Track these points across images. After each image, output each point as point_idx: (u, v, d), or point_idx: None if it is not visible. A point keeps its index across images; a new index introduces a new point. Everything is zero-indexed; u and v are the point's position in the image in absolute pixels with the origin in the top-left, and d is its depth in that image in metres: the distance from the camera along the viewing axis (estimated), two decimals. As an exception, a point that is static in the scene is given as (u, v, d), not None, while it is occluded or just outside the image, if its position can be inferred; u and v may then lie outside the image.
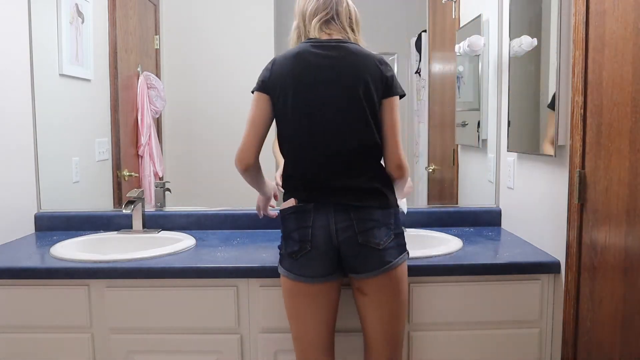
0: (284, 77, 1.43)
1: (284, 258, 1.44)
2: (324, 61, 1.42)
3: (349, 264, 1.41)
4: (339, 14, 1.49)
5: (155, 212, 2.13)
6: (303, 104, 1.42)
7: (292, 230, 1.41)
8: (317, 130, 1.42)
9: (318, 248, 1.39)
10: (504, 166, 2.08)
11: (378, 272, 1.39)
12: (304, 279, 1.41)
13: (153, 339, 1.63)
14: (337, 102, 1.41)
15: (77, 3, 2.19)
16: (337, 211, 1.39)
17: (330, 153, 1.41)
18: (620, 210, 1.27)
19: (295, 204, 1.43)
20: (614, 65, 1.30)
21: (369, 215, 1.39)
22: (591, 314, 1.43)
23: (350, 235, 1.38)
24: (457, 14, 2.30)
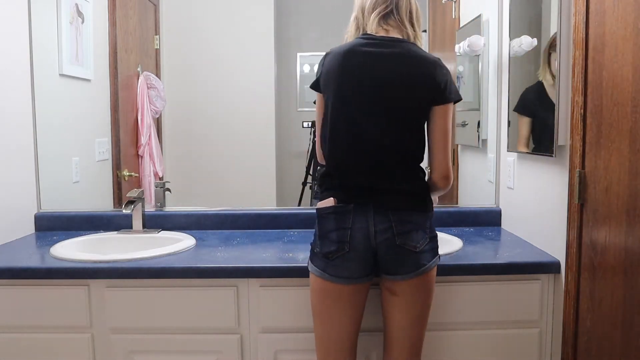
0: (331, 75, 1.41)
1: (318, 257, 1.42)
2: (375, 61, 1.39)
3: (385, 265, 1.39)
4: (399, 8, 1.44)
5: (155, 212, 2.13)
6: (346, 104, 1.40)
7: (330, 230, 1.39)
8: (361, 132, 1.40)
9: (356, 250, 1.37)
10: (504, 166, 2.08)
11: (413, 274, 1.39)
12: (337, 279, 1.39)
13: (153, 339, 1.63)
14: (385, 105, 1.39)
15: (77, 3, 2.19)
16: (377, 213, 1.37)
17: (373, 156, 1.40)
18: (620, 210, 1.27)
19: (334, 203, 1.40)
20: (614, 65, 1.30)
21: (407, 217, 1.38)
22: (591, 314, 1.43)
23: (388, 237, 1.37)
24: (457, 14, 2.30)
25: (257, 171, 2.43)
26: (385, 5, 1.44)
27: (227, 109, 2.41)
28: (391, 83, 1.38)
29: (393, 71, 1.38)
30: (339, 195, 1.41)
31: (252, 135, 2.42)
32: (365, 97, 1.39)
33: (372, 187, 1.39)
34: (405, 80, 1.38)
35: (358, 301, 1.44)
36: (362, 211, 1.38)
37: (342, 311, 1.43)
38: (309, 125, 2.40)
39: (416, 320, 1.45)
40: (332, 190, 1.43)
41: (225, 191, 2.38)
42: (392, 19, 1.44)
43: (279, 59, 2.42)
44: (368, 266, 1.39)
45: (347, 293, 1.41)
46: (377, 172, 1.40)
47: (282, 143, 2.43)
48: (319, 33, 2.47)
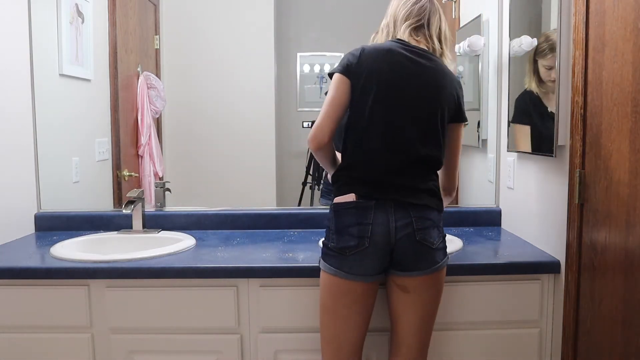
0: (372, 67, 1.41)
1: (332, 254, 1.41)
2: (414, 66, 1.43)
3: (402, 261, 1.40)
4: (430, 24, 1.50)
5: (155, 212, 2.13)
6: (385, 99, 1.41)
7: (350, 225, 1.38)
8: (391, 129, 1.41)
9: (375, 245, 1.37)
10: (504, 166, 2.08)
11: (429, 271, 1.40)
12: (353, 277, 1.39)
13: (153, 339, 1.63)
14: (418, 110, 1.42)
15: (77, 3, 2.19)
16: (397, 208, 1.39)
17: (398, 154, 1.41)
18: (620, 210, 1.27)
19: (355, 198, 1.40)
20: (614, 65, 1.30)
21: (426, 214, 1.41)
22: (591, 314, 1.43)
23: (408, 233, 1.38)
24: (457, 14, 2.30)
25: (257, 171, 2.43)
26: (417, 18, 1.49)
27: (227, 109, 2.41)
28: (427, 92, 1.43)
29: (429, 81, 1.44)
30: (360, 191, 1.41)
31: (252, 135, 2.42)
32: (408, 99, 1.42)
33: (392, 183, 1.41)
34: (438, 93, 1.45)
35: (371, 299, 1.45)
36: (383, 207, 1.38)
37: (356, 310, 1.43)
38: (308, 125, 2.39)
39: (426, 319, 1.46)
40: (350, 186, 1.42)
41: (225, 191, 2.39)
42: (422, 32, 1.50)
43: (279, 59, 2.42)
44: (384, 263, 1.40)
45: (360, 291, 1.41)
46: (399, 170, 1.42)
47: (282, 143, 2.43)
48: (319, 33, 2.47)
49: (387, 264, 1.41)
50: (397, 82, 1.42)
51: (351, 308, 1.42)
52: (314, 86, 2.48)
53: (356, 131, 1.44)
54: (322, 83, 2.49)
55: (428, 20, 1.50)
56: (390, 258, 1.40)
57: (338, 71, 1.44)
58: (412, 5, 1.50)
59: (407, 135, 1.41)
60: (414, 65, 1.43)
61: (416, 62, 1.43)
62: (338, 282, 1.40)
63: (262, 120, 2.42)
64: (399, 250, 1.39)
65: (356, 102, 1.42)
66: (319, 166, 2.43)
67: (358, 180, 1.42)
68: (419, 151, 1.42)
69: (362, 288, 1.41)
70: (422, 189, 1.42)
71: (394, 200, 1.39)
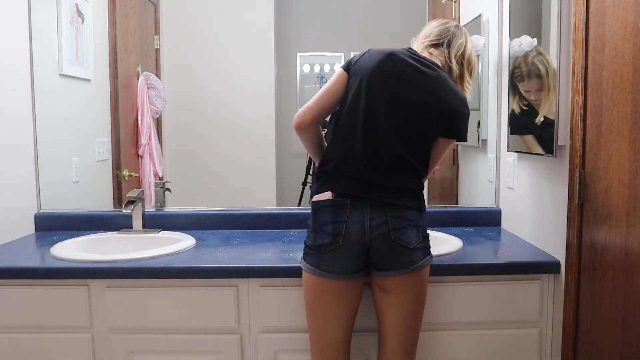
0: (369, 67, 1.43)
1: (310, 252, 1.42)
2: (411, 71, 1.44)
3: (377, 260, 1.40)
4: (451, 45, 1.53)
5: (155, 212, 2.13)
6: (373, 99, 1.42)
7: (325, 223, 1.40)
8: (374, 128, 1.42)
9: (350, 243, 1.38)
10: (504, 166, 2.08)
11: (405, 270, 1.40)
12: (330, 275, 1.39)
13: (153, 339, 1.63)
14: (405, 113, 1.43)
15: (77, 3, 2.19)
16: (373, 208, 1.39)
17: (383, 157, 1.42)
18: (620, 210, 1.27)
19: (332, 197, 1.41)
20: (614, 65, 1.30)
21: (403, 214, 1.40)
22: (591, 314, 1.43)
23: (383, 232, 1.38)
24: (457, 14, 2.30)
25: (257, 171, 2.43)
26: (437, 37, 1.55)
27: (227, 109, 2.41)
28: (420, 99, 1.43)
29: (426, 89, 1.44)
30: (337, 189, 1.42)
31: (252, 135, 2.42)
32: (393, 99, 1.42)
33: (370, 182, 1.41)
34: (433, 102, 1.44)
35: (351, 299, 1.44)
36: (359, 205, 1.39)
37: (336, 308, 1.43)
38: (308, 125, 2.39)
39: (409, 319, 1.45)
40: (329, 183, 1.44)
41: (225, 191, 2.39)
42: (440, 50, 1.54)
43: (279, 59, 2.42)
44: (360, 262, 1.40)
45: (340, 290, 1.42)
46: (378, 169, 1.42)
47: (282, 143, 2.43)
48: (319, 33, 2.47)
49: (364, 263, 1.41)
50: (389, 84, 1.43)
51: (331, 306, 1.43)
52: (314, 86, 2.48)
53: (340, 127, 1.45)
54: (322, 83, 2.49)
55: (449, 42, 1.53)
56: (366, 257, 1.40)
57: (342, 67, 1.48)
58: (436, 27, 1.57)
59: (389, 136, 1.42)
60: (411, 70, 1.44)
61: (415, 69, 1.44)
62: (316, 281, 1.41)
63: (262, 120, 2.42)
64: (374, 249, 1.39)
65: (347, 99, 1.44)
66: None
67: (336, 177, 1.44)
68: (400, 153, 1.42)
69: (341, 286, 1.41)
70: (401, 189, 1.42)
71: (370, 200, 1.40)
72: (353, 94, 1.43)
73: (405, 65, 1.44)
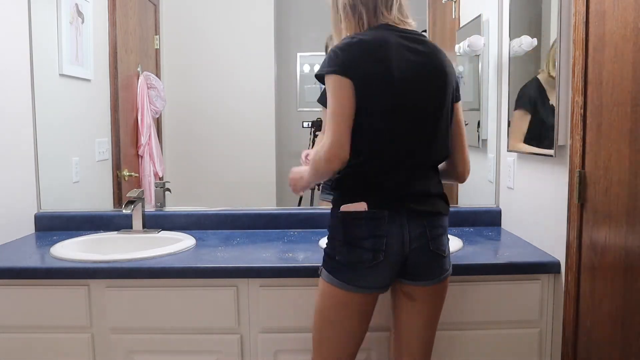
0: (372, 64, 1.27)
1: (340, 267, 1.31)
2: (416, 57, 1.30)
3: (414, 271, 1.34)
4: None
5: (155, 212, 2.13)
6: (394, 101, 1.28)
7: (363, 237, 1.28)
8: (405, 132, 1.30)
9: (390, 258, 1.29)
10: (504, 166, 2.08)
11: (439, 279, 1.36)
12: (361, 290, 1.31)
13: (153, 339, 1.63)
14: (428, 106, 1.32)
15: (77, 3, 2.19)
16: (411, 218, 1.30)
17: (415, 160, 1.33)
18: (620, 210, 1.27)
19: (366, 208, 1.29)
20: (614, 65, 1.30)
21: (439, 222, 1.35)
22: (591, 314, 1.43)
23: (422, 243, 1.31)
24: (457, 14, 2.30)
25: (257, 171, 2.43)
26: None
27: (227, 109, 2.41)
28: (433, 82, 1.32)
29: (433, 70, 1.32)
30: (372, 200, 1.29)
31: (252, 135, 2.42)
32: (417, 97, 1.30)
33: (405, 191, 1.32)
34: (443, 80, 1.34)
35: (372, 309, 1.40)
36: (397, 217, 1.29)
37: (358, 320, 1.37)
38: (309, 125, 2.40)
39: (431, 325, 1.44)
40: (361, 192, 1.31)
41: (225, 191, 2.38)
42: (405, 9, 1.37)
43: (279, 59, 2.42)
44: (396, 274, 1.34)
45: (366, 302, 1.35)
46: (416, 178, 1.34)
47: (282, 143, 2.43)
48: (319, 33, 2.47)
49: (399, 274, 1.35)
50: (403, 78, 1.27)
51: (354, 319, 1.36)
52: (314, 86, 2.48)
53: (366, 135, 1.28)
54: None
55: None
56: (402, 268, 1.34)
57: (333, 72, 1.26)
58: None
59: (418, 137, 1.32)
60: (415, 55, 1.30)
61: (415, 51, 1.30)
62: (344, 295, 1.32)
63: (262, 120, 2.42)
64: (412, 260, 1.32)
65: (364, 104, 1.27)
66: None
67: (368, 187, 1.31)
68: (430, 154, 1.35)
69: (368, 299, 1.35)
70: (434, 194, 1.36)
71: (407, 209, 1.30)
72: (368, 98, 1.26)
73: (407, 51, 1.29)
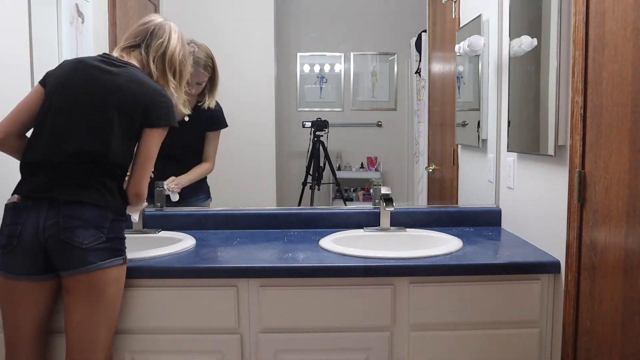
0: (56, 77, 1.52)
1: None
2: (99, 73, 1.51)
3: (54, 261, 1.43)
4: (149, 47, 1.59)
5: (155, 212, 2.13)
6: (57, 102, 1.49)
7: (6, 224, 1.45)
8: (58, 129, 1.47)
9: (24, 245, 1.42)
10: (504, 166, 2.08)
11: (81, 270, 1.42)
12: (9, 275, 1.44)
13: (152, 339, 1.63)
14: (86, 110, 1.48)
15: (77, 3, 2.19)
16: (50, 208, 1.43)
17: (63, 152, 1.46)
18: (620, 210, 1.27)
19: (17, 199, 1.46)
20: (614, 65, 1.30)
21: (79, 213, 1.43)
22: (591, 314, 1.43)
23: (54, 233, 1.41)
24: (457, 14, 2.30)
25: (257, 171, 2.43)
26: (135, 39, 1.60)
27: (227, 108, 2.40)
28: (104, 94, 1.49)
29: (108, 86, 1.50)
30: (23, 190, 1.48)
31: (252, 135, 2.42)
32: (78, 101, 1.49)
33: (51, 181, 1.45)
34: (116, 97, 1.49)
35: (35, 300, 1.47)
36: (37, 207, 1.43)
37: (19, 309, 1.46)
38: (309, 125, 2.40)
39: (89, 321, 1.46)
40: (20, 185, 1.49)
41: (225, 191, 2.38)
42: (137, 52, 1.59)
43: (279, 59, 2.42)
44: (39, 263, 1.44)
45: (21, 290, 1.45)
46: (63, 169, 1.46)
47: (282, 143, 2.43)
48: (319, 33, 2.48)
49: (46, 264, 1.44)
50: (71, 86, 1.50)
51: (14, 306, 1.46)
52: (314, 86, 2.48)
53: (32, 134, 1.51)
54: (322, 83, 2.49)
55: (147, 43, 1.59)
56: (45, 258, 1.43)
57: (39, 81, 1.55)
58: (135, 28, 1.63)
59: (71, 134, 1.47)
60: (98, 72, 1.51)
61: (102, 70, 1.51)
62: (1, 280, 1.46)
63: (262, 120, 2.42)
64: (49, 249, 1.42)
65: (40, 108, 1.50)
66: (319, 166, 2.43)
67: (24, 180, 1.49)
68: (86, 149, 1.46)
69: (21, 286, 1.44)
70: (85, 185, 1.46)
71: (49, 199, 1.43)
72: (43, 102, 1.50)
73: (91, 68, 1.51)
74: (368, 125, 2.51)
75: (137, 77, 1.53)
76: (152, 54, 1.58)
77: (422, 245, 1.84)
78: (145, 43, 1.59)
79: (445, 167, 2.46)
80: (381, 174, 2.53)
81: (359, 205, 2.46)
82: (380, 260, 1.62)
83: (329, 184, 2.47)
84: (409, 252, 1.68)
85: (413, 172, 2.57)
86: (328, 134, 2.40)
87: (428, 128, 2.50)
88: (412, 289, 1.61)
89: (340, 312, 1.61)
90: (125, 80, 1.51)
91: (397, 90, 2.51)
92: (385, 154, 2.55)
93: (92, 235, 1.43)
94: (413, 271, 1.60)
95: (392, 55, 2.49)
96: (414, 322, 1.63)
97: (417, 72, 2.50)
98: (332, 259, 1.66)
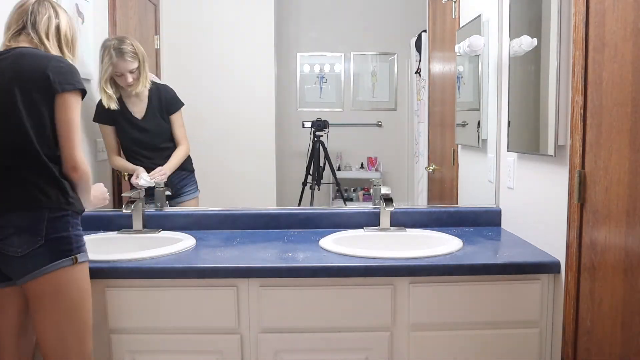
0: None
1: None
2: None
3: (3, 271, 1.40)
4: (36, 24, 1.47)
5: (155, 212, 2.13)
6: None
7: None
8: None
9: None
10: (504, 166, 2.08)
11: (24, 280, 1.38)
12: None
13: (153, 339, 1.63)
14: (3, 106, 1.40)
15: (77, 3, 2.19)
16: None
17: None
18: (620, 210, 1.27)
19: None
20: (614, 65, 1.30)
21: (8, 221, 1.38)
22: (591, 314, 1.43)
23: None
24: (457, 14, 2.30)
25: (257, 171, 2.43)
26: (17, 24, 1.48)
27: (227, 109, 2.41)
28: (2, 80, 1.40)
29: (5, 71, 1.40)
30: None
31: (252, 136, 2.42)
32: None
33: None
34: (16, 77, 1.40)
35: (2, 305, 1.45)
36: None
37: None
38: (309, 125, 2.40)
39: (53, 329, 1.42)
40: None
41: (225, 191, 2.39)
42: (24, 35, 1.48)
43: (279, 59, 2.42)
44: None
45: None
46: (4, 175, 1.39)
47: (282, 143, 2.43)
48: (319, 33, 2.48)
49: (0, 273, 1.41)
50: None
51: None
52: (314, 86, 2.48)
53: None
54: (322, 83, 2.49)
55: (33, 22, 1.47)
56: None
57: None
58: (13, 13, 1.49)
59: None
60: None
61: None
62: None
63: (262, 120, 2.42)
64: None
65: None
66: (319, 166, 2.43)
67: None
68: (6, 145, 1.39)
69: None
70: (9, 189, 1.39)
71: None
72: None
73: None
74: (368, 125, 2.51)
75: (26, 52, 1.44)
76: (42, 31, 1.48)
77: (422, 245, 1.84)
78: (30, 23, 1.47)
79: (445, 167, 2.46)
80: (381, 174, 2.53)
81: (359, 205, 2.46)
82: (380, 260, 1.62)
83: (329, 184, 2.47)
84: (409, 252, 1.68)
85: (413, 172, 2.57)
86: (328, 134, 2.40)
87: (428, 128, 2.50)
88: (412, 289, 1.61)
89: (340, 312, 1.61)
90: (12, 61, 1.41)
91: (397, 90, 2.51)
92: (385, 154, 2.55)
93: (25, 242, 1.36)
94: (413, 271, 1.60)
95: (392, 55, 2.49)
96: (414, 322, 1.63)
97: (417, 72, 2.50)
98: (332, 259, 1.66)
